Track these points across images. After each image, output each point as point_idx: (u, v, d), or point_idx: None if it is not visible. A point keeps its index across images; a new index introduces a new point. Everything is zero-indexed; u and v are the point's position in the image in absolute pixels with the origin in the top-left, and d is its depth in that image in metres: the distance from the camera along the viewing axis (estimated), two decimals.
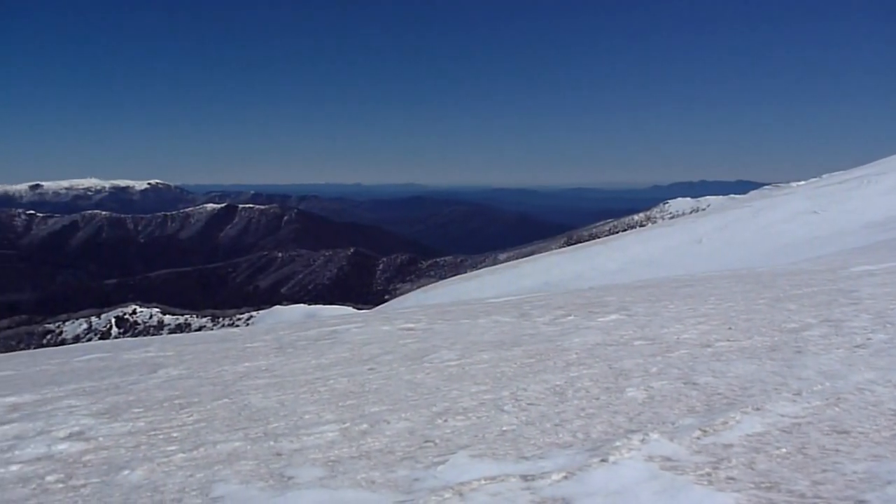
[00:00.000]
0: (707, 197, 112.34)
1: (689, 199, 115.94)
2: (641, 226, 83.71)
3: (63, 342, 54.11)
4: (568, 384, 4.02)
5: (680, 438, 2.99)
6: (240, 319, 53.89)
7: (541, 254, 42.51)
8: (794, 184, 45.74)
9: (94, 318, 62.13)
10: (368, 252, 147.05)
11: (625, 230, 70.77)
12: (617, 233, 62.55)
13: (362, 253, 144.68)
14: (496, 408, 3.63)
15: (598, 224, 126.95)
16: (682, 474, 2.62)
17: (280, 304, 60.42)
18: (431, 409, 3.66)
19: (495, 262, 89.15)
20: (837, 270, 9.45)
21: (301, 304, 51.02)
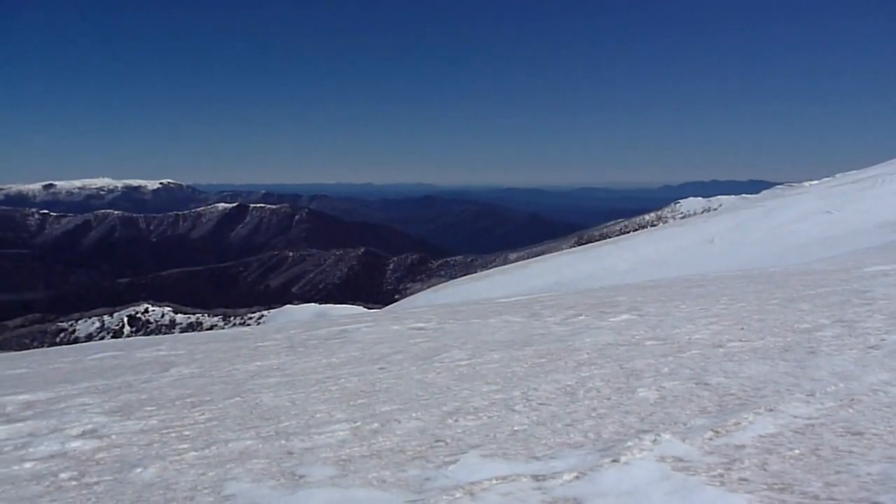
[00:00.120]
0: (719, 197, 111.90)
1: (700, 198, 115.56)
2: (653, 225, 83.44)
3: (76, 341, 54.46)
4: (579, 384, 4.01)
5: (692, 439, 2.98)
6: (251, 318, 54.06)
7: (551, 254, 42.45)
8: (806, 183, 45.54)
9: (106, 317, 62.45)
10: (379, 251, 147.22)
11: (636, 230, 70.56)
12: (628, 233, 62.38)
13: (373, 252, 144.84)
14: (507, 408, 3.63)
15: (608, 224, 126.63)
16: (694, 475, 2.61)
17: (291, 303, 60.57)
18: (442, 409, 3.66)
19: (506, 261, 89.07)
20: (851, 270, 9.39)
21: (312, 304, 51.13)
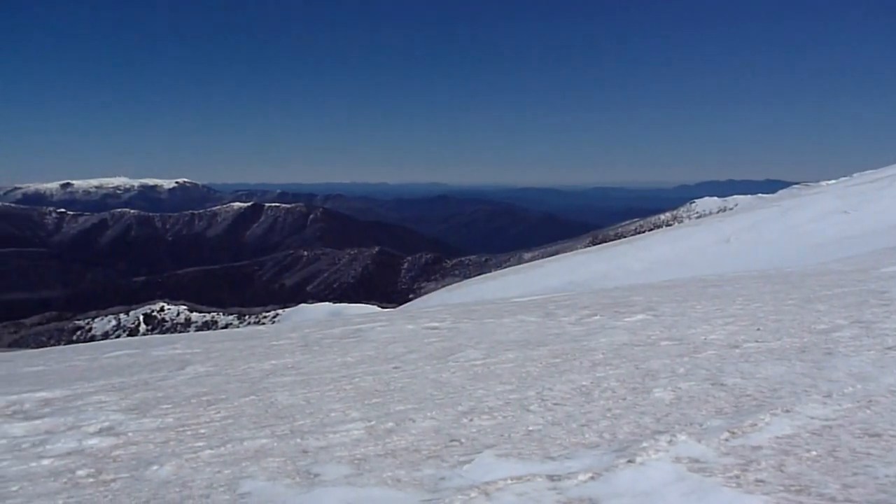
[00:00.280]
0: (735, 196, 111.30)
1: (716, 198, 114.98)
2: (668, 225, 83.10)
3: (92, 338, 54.92)
4: (594, 384, 4.00)
5: (708, 440, 2.96)
6: (266, 317, 54.31)
7: (566, 253, 42.36)
8: (823, 183, 45.17)
9: (122, 315, 62.92)
10: (393, 251, 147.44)
11: (651, 230, 70.26)
12: (643, 232, 62.10)
13: (387, 252, 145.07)
14: (522, 407, 3.62)
15: (623, 223, 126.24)
16: (710, 476, 2.60)
17: (305, 302, 60.75)
18: (457, 409, 3.66)
19: (520, 261, 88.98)
20: (868, 271, 9.32)
21: (326, 303, 51.30)
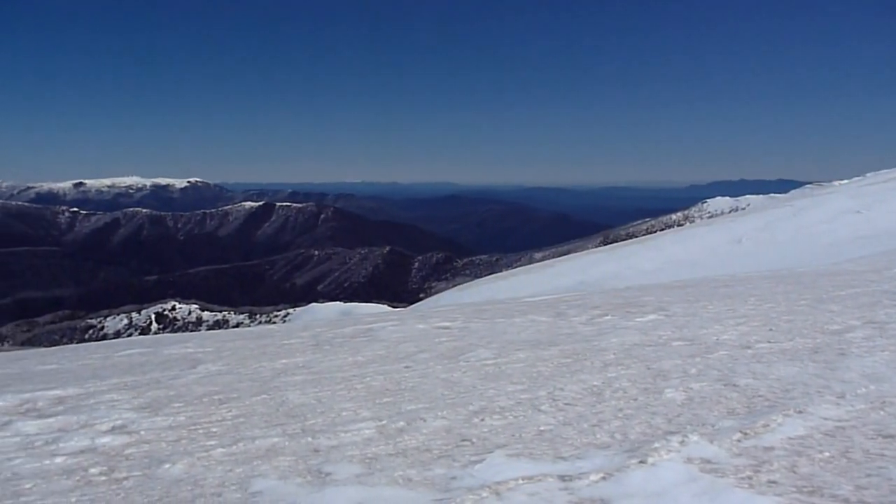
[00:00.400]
0: (747, 196, 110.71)
1: (728, 198, 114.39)
2: (679, 225, 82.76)
3: (104, 337, 55.19)
4: (605, 384, 3.99)
5: (720, 440, 2.95)
6: (277, 316, 54.41)
7: (577, 253, 42.27)
8: (836, 182, 44.89)
9: (134, 314, 63.16)
10: (404, 250, 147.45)
11: (662, 230, 70.02)
12: (654, 232, 61.88)
13: (398, 251, 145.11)
14: (533, 407, 3.62)
15: (635, 223, 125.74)
16: (722, 477, 2.59)
17: (316, 301, 60.84)
18: (468, 408, 3.66)
19: (531, 261, 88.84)
20: (882, 271, 9.26)
21: (337, 302, 51.33)
